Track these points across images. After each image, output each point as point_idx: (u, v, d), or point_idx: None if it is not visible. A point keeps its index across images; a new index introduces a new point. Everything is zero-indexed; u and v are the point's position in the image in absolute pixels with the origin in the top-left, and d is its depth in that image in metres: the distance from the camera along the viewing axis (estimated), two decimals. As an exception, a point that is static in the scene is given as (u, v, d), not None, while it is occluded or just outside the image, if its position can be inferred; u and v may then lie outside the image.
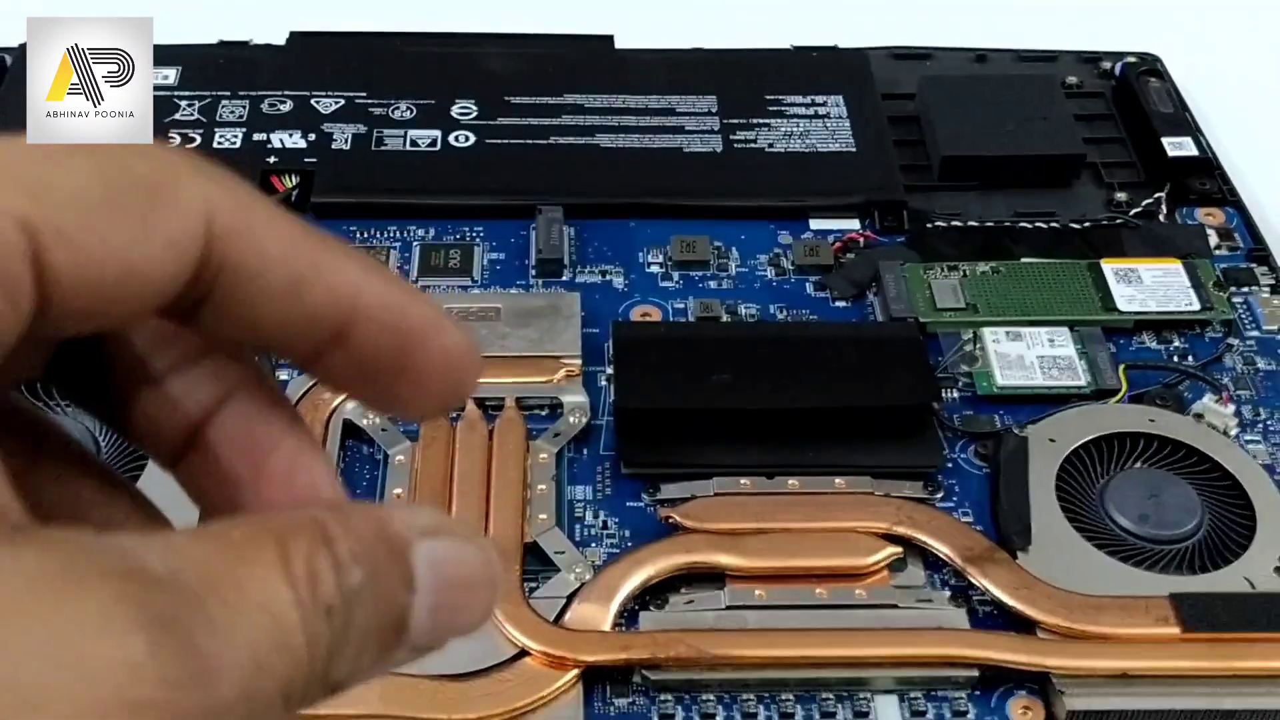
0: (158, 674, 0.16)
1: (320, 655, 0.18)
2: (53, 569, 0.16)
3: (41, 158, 0.18)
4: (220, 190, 0.19)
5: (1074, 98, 0.64)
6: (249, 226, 0.19)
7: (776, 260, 0.55)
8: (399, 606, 0.19)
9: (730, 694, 0.40)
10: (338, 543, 0.18)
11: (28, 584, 0.16)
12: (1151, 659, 0.40)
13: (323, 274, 0.20)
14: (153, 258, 0.18)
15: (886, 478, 0.45)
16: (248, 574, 0.17)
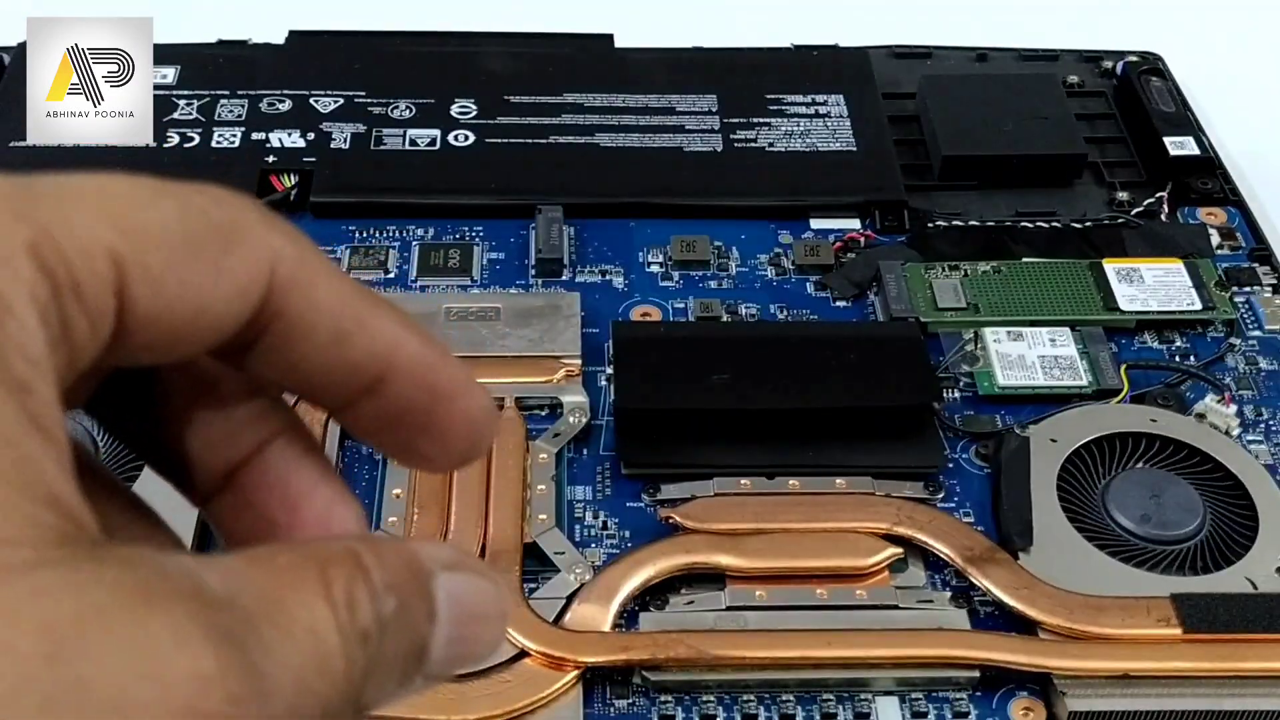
0: (224, 689, 0.17)
1: (355, 679, 0.19)
2: (130, 585, 0.17)
3: (134, 197, 0.19)
4: (284, 240, 0.20)
5: (1075, 97, 0.63)
6: (306, 278, 0.21)
7: (777, 260, 0.55)
8: (422, 636, 0.20)
9: (730, 695, 0.40)
10: (372, 573, 0.19)
11: (111, 598, 0.17)
12: (1153, 660, 0.39)
13: (366, 328, 0.21)
14: (221, 300, 0.20)
15: (887, 478, 0.45)
16: (295, 599, 0.18)
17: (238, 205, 0.20)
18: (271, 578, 0.19)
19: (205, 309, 0.20)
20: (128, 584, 0.17)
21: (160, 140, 0.58)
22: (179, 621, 0.17)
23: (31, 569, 0.17)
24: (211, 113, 0.60)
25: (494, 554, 0.42)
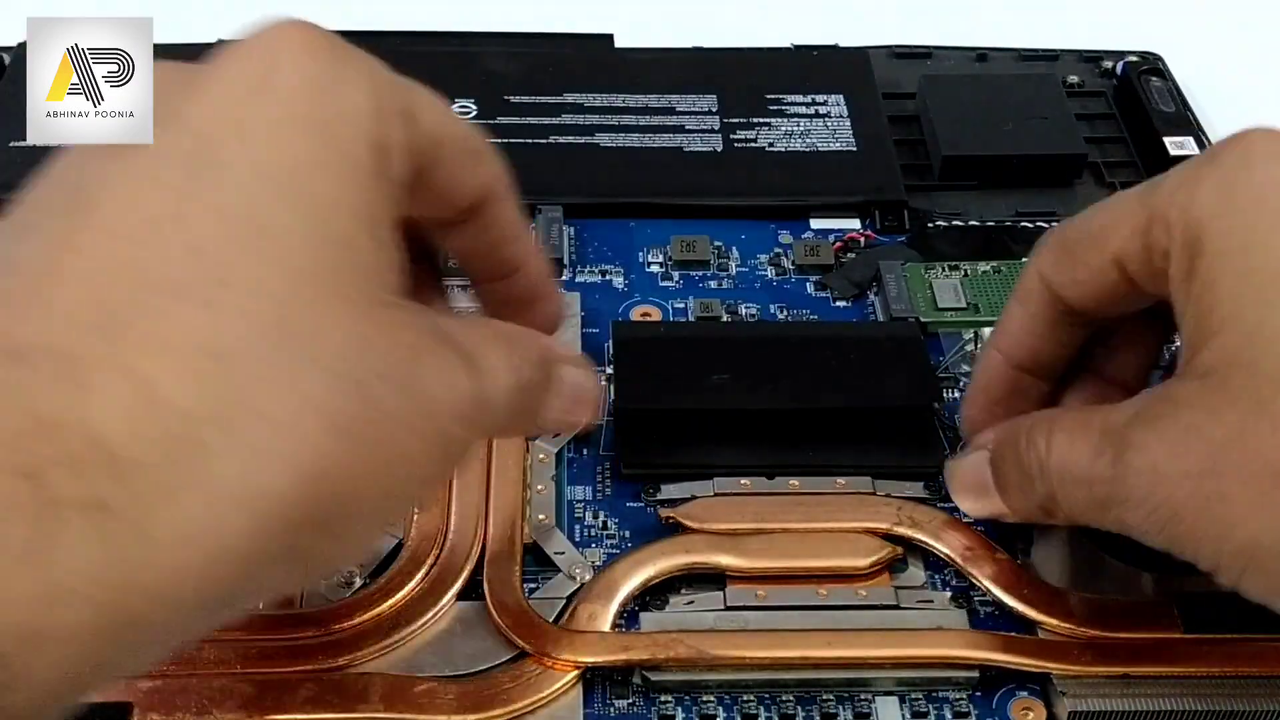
0: (472, 399, 0.30)
1: (514, 407, 0.32)
2: (427, 337, 0.29)
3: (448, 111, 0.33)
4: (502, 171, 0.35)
5: (1075, 97, 0.63)
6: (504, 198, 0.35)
7: (777, 260, 0.55)
8: (540, 400, 0.34)
9: (730, 695, 0.40)
10: (523, 350, 0.33)
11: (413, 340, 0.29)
12: (1153, 660, 0.39)
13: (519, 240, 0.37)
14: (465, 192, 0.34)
15: (887, 478, 0.45)
16: (494, 357, 0.31)
17: (483, 137, 0.34)
18: (481, 336, 0.32)
19: (458, 192, 0.34)
20: (432, 334, 0.30)
21: (160, 140, 0.58)
22: (454, 360, 0.30)
23: (387, 305, 0.29)
24: (211, 113, 0.60)
25: (494, 554, 0.42)
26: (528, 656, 0.39)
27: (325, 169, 0.28)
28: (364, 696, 0.38)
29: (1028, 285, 0.40)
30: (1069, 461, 0.36)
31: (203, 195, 0.27)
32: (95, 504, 0.23)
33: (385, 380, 0.27)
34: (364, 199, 0.29)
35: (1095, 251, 0.37)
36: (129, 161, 0.28)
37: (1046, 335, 0.40)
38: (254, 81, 0.29)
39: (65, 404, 0.24)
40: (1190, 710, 0.39)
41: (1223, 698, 0.39)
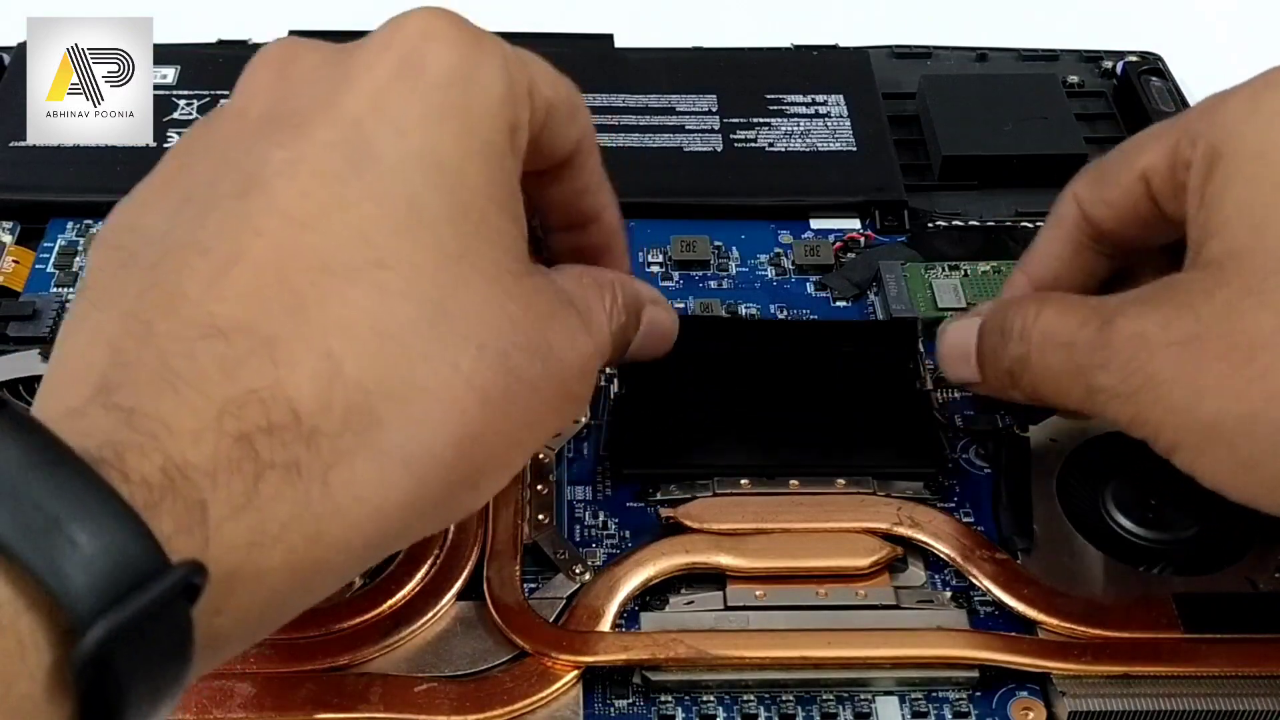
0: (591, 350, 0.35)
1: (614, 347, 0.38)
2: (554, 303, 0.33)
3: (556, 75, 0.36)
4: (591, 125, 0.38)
5: (1075, 97, 0.63)
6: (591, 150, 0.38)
7: (777, 260, 0.55)
8: (630, 337, 0.39)
9: (730, 695, 0.40)
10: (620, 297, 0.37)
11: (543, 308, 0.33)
12: (1153, 660, 0.39)
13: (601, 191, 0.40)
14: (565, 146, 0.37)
15: (888, 478, 0.45)
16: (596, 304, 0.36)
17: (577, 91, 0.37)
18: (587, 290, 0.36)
19: (558, 147, 0.36)
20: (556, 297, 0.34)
21: (161, 140, 0.58)
22: (576, 322, 0.34)
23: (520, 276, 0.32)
24: (211, 113, 0.60)
25: (494, 554, 0.42)
26: (528, 656, 0.39)
27: (469, 155, 0.31)
28: (364, 696, 0.38)
29: (1061, 209, 0.42)
30: (1055, 326, 0.38)
31: (363, 184, 0.30)
32: (291, 466, 0.27)
33: (524, 351, 0.31)
34: (502, 179, 0.32)
35: (1125, 168, 0.39)
36: (293, 149, 0.30)
37: (1072, 260, 0.42)
38: (400, 72, 0.31)
39: (265, 377, 0.27)
40: (1190, 710, 0.39)
41: (1222, 697, 0.39)
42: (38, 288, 0.53)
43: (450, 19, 0.33)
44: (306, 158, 0.30)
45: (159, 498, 0.25)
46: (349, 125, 0.30)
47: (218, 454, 0.26)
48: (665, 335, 0.41)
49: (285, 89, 0.32)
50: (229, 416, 0.26)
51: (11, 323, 0.50)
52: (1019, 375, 0.39)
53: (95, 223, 0.55)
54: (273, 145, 0.30)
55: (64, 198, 0.56)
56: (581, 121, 0.37)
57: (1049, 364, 0.38)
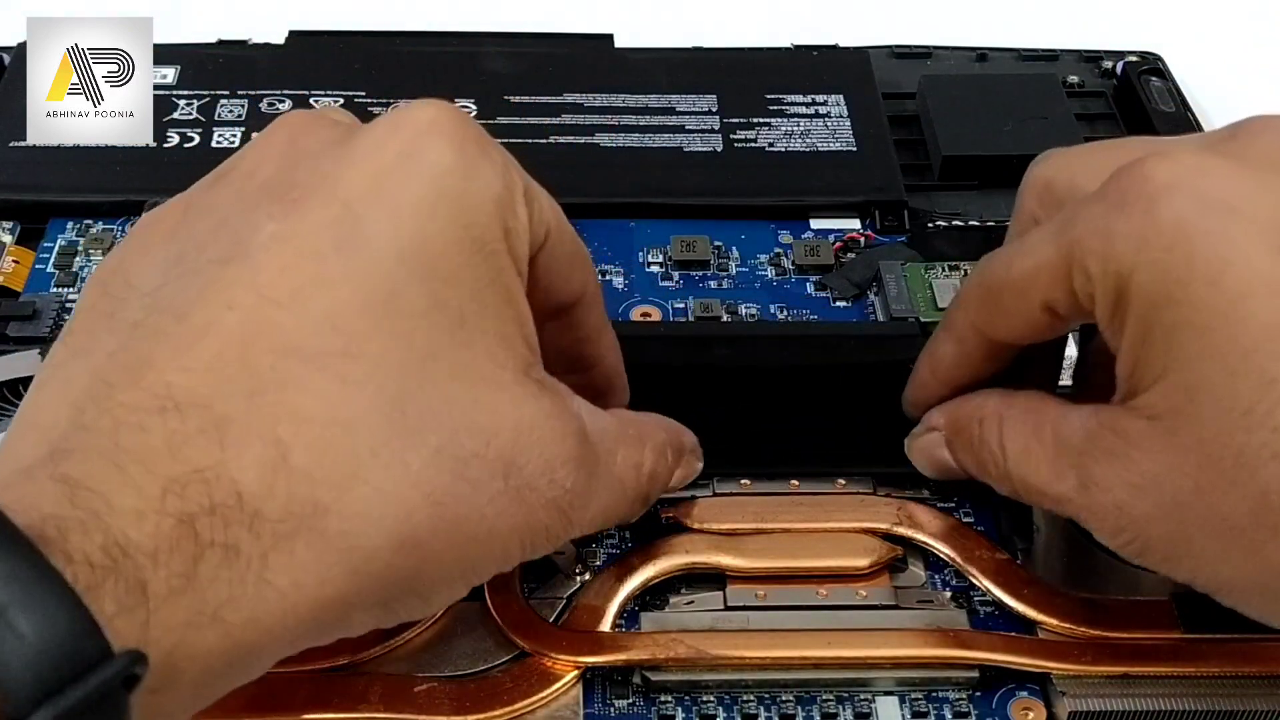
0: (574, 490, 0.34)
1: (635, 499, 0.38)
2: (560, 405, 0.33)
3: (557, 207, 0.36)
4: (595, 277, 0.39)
5: (1075, 97, 0.63)
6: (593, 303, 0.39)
7: (777, 260, 0.55)
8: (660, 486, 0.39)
9: (730, 695, 0.40)
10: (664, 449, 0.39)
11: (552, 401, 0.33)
12: (1153, 660, 0.39)
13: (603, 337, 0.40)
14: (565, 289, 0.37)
15: (888, 478, 0.45)
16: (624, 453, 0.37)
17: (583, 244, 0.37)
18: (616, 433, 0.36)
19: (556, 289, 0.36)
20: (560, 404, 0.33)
21: (160, 140, 0.58)
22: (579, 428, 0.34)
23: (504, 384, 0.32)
24: (211, 113, 0.60)
25: (494, 554, 0.42)
26: (527, 656, 0.39)
27: (458, 251, 0.31)
28: (364, 696, 0.38)
29: (960, 330, 0.40)
30: (1029, 476, 0.37)
31: (346, 266, 0.30)
32: (231, 548, 0.27)
33: (486, 464, 0.31)
34: (492, 280, 0.32)
35: (1022, 300, 0.37)
36: (284, 223, 0.30)
37: (982, 367, 0.40)
38: (400, 160, 0.31)
39: (211, 458, 0.27)
40: (1190, 710, 0.39)
41: (1222, 697, 0.39)
42: (38, 288, 0.53)
43: (456, 116, 0.33)
44: (295, 234, 0.30)
45: (101, 578, 0.25)
46: (342, 206, 0.30)
47: (159, 533, 0.26)
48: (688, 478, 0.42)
49: (291, 160, 0.32)
50: (172, 496, 0.27)
51: (11, 323, 0.50)
52: (1000, 479, 0.39)
53: (95, 223, 0.55)
54: (266, 216, 0.30)
55: (64, 198, 0.56)
56: (585, 270, 0.37)
57: (1041, 503, 0.38)
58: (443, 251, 0.31)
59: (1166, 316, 0.32)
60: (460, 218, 0.31)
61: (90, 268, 0.53)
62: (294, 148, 0.33)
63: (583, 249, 0.37)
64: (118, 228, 0.55)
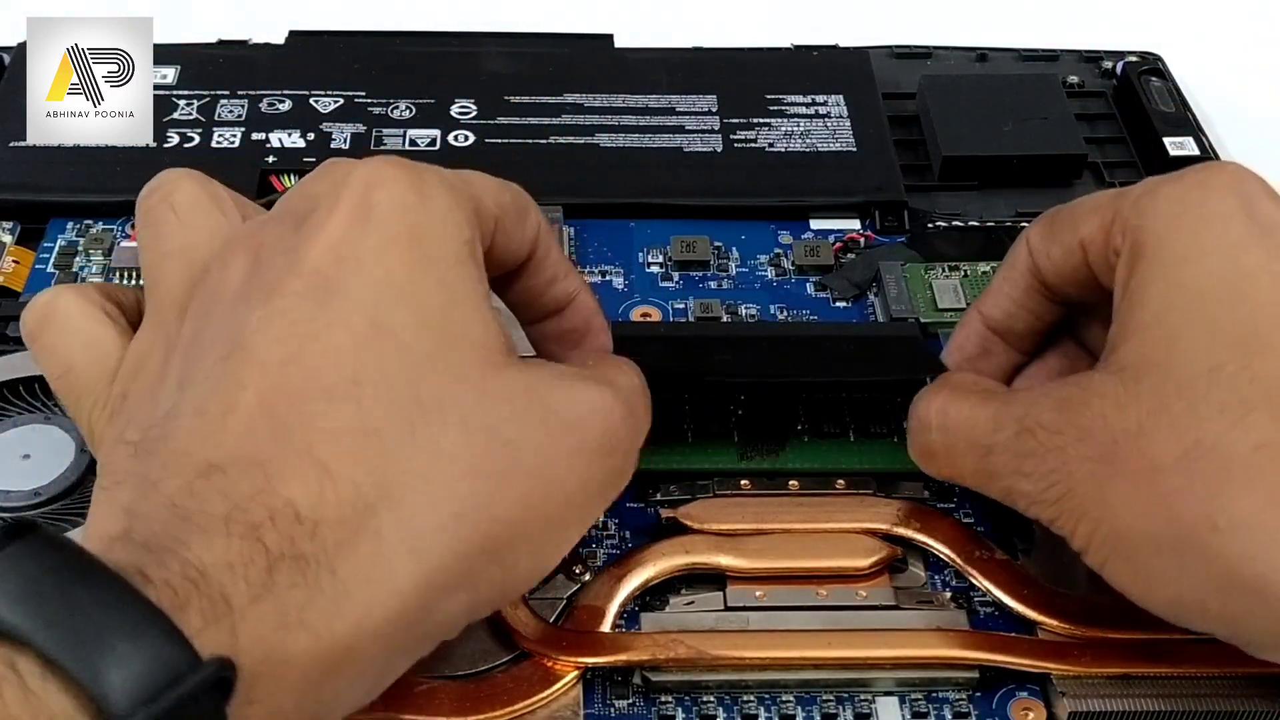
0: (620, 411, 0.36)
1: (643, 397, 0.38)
2: (547, 377, 0.35)
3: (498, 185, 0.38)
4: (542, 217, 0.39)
5: (1075, 97, 0.63)
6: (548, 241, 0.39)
7: (777, 260, 0.55)
8: None
9: (730, 695, 0.40)
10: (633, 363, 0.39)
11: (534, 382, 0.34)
12: (1153, 660, 0.39)
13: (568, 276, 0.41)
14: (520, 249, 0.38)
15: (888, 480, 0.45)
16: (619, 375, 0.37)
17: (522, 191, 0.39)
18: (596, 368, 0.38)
19: (513, 251, 0.38)
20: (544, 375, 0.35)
21: (160, 140, 0.58)
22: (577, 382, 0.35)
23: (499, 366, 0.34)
24: (211, 113, 0.60)
25: (494, 554, 0.42)
26: (528, 657, 0.39)
27: (423, 271, 0.33)
28: (364, 697, 0.38)
29: (1015, 253, 0.42)
30: (966, 426, 0.39)
31: (330, 316, 0.32)
32: (300, 557, 0.29)
33: (517, 420, 0.33)
34: (461, 287, 0.34)
35: (1070, 231, 0.40)
36: (267, 307, 0.32)
37: (1022, 303, 0.42)
38: (353, 219, 0.33)
39: (260, 487, 0.30)
40: (1190, 710, 0.39)
41: (1222, 698, 0.39)
42: (38, 288, 0.52)
43: (391, 163, 0.35)
44: (279, 310, 0.32)
45: (185, 599, 0.27)
46: (313, 275, 0.33)
47: (230, 548, 0.28)
48: None
49: (257, 263, 0.34)
50: (235, 521, 0.29)
51: (11, 323, 0.50)
52: (936, 461, 0.41)
53: (95, 223, 0.55)
54: (249, 309, 0.33)
55: (64, 198, 0.56)
56: (533, 220, 0.39)
57: (965, 463, 0.39)
58: (408, 275, 0.33)
59: (1174, 273, 0.36)
60: (417, 244, 0.34)
61: (90, 267, 0.53)
62: (254, 256, 0.35)
63: (525, 202, 0.39)
64: (118, 228, 0.55)
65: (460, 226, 0.35)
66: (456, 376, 0.33)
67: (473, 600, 0.33)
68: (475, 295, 0.35)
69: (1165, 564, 0.35)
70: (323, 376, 0.32)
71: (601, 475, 0.36)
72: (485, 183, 0.37)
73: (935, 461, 0.40)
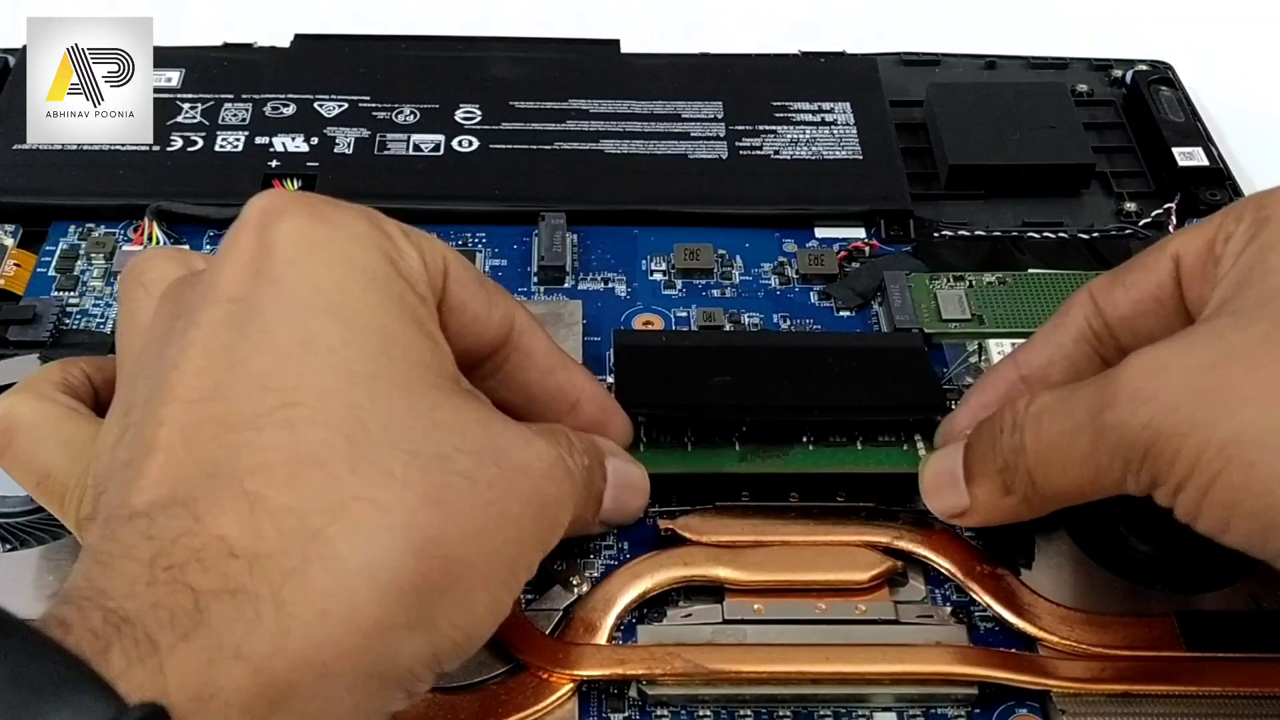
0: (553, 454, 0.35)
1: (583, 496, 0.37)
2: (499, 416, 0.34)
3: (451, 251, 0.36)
4: (522, 307, 0.38)
5: (1084, 106, 0.63)
6: (533, 331, 0.39)
7: (781, 269, 0.55)
8: (599, 487, 0.39)
9: (727, 709, 0.40)
10: (575, 441, 0.37)
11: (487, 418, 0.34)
12: (1154, 678, 0.39)
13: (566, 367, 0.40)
14: (489, 321, 0.37)
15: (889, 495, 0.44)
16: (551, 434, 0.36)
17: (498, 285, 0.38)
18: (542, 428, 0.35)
19: (480, 320, 0.37)
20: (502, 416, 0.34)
21: (164, 144, 0.58)
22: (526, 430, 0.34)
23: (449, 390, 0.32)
24: (215, 116, 0.60)
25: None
26: (523, 669, 0.39)
27: (350, 279, 0.32)
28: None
29: (1071, 302, 0.41)
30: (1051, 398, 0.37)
31: (252, 341, 0.31)
32: (231, 589, 0.27)
33: (470, 454, 0.31)
34: (393, 299, 0.32)
35: (1155, 253, 0.39)
36: (183, 339, 0.31)
37: (1071, 351, 0.40)
38: (260, 238, 0.32)
39: (187, 527, 0.28)
40: (1192, 729, 0.38)
41: (1224, 717, 0.38)
42: (39, 291, 0.52)
43: (292, 193, 0.35)
44: (195, 341, 0.31)
45: (106, 643, 0.26)
46: (228, 302, 0.31)
47: (155, 592, 0.27)
48: (636, 487, 0.42)
49: (177, 304, 0.34)
50: (159, 566, 0.28)
51: (12, 327, 0.50)
52: (1014, 469, 0.37)
53: (97, 226, 0.55)
54: (169, 346, 0.32)
55: (67, 201, 0.56)
56: (502, 299, 0.38)
57: (1047, 434, 0.36)
58: (341, 287, 0.32)
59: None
60: (336, 250, 0.32)
61: (92, 271, 0.53)
62: (174, 301, 0.34)
63: (493, 283, 0.38)
64: (119, 231, 0.55)
65: (392, 245, 0.34)
66: (404, 398, 0.31)
67: (433, 642, 0.31)
68: (419, 313, 0.33)
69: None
70: (248, 405, 0.30)
71: (549, 524, 0.34)
72: (431, 236, 0.36)
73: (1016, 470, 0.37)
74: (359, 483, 0.29)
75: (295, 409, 0.30)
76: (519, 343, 0.38)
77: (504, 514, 0.32)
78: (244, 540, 0.28)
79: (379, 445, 0.30)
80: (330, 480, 0.29)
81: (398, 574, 0.29)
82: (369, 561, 0.29)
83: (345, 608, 0.28)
